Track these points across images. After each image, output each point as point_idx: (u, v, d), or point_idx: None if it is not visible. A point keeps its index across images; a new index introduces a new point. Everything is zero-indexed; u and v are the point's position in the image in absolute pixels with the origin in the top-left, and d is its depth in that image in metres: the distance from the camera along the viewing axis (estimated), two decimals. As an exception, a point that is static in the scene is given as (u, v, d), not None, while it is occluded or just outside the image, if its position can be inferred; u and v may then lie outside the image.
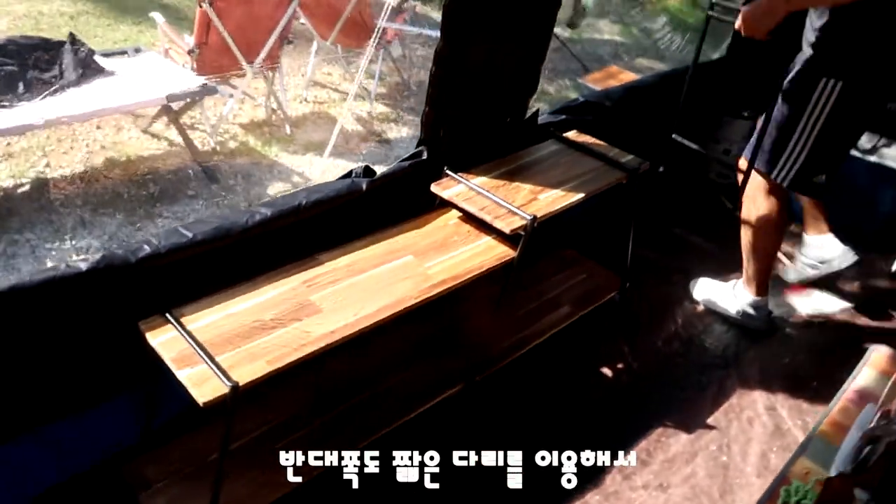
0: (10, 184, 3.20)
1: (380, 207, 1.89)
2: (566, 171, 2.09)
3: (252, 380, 1.33)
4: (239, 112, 4.11)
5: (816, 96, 1.98)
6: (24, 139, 3.49)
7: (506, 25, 1.92)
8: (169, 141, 3.65)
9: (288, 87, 4.50)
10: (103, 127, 3.72)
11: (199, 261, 1.56)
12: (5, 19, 4.80)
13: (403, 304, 1.59)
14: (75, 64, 3.08)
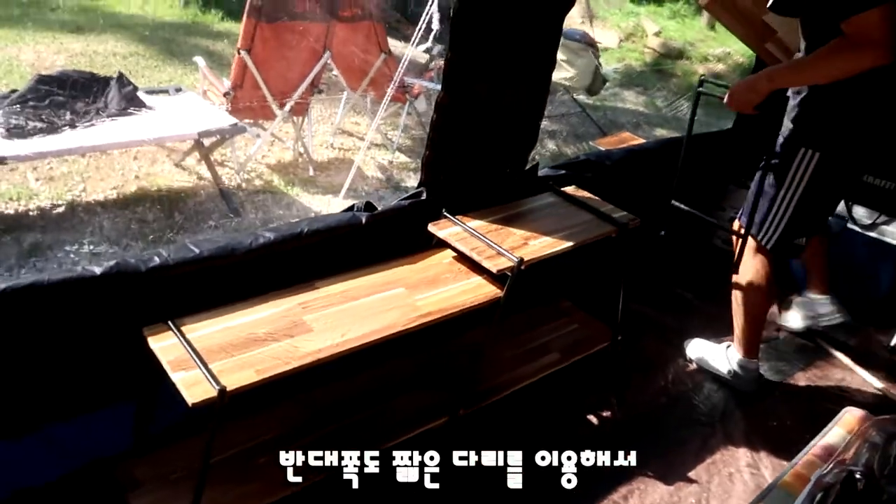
0: (48, 204, 3.42)
1: (378, 241, 2.01)
2: (558, 221, 2.21)
3: (239, 386, 1.44)
4: (268, 153, 4.34)
5: (796, 165, 2.08)
6: (65, 165, 3.74)
7: (504, 81, 2.07)
8: (198, 175, 3.86)
9: (316, 133, 4.74)
10: (139, 158, 3.97)
11: (204, 275, 1.70)
12: (63, 55, 5.17)
13: (389, 330, 1.70)
14: (119, 98, 3.32)
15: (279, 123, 3.97)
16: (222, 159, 4.10)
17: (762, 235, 2.24)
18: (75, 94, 3.20)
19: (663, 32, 8.96)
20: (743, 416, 2.48)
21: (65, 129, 3.00)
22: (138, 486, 1.66)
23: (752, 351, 2.48)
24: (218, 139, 3.47)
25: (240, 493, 1.69)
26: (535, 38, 2.11)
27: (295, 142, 4.22)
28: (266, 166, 4.21)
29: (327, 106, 5.02)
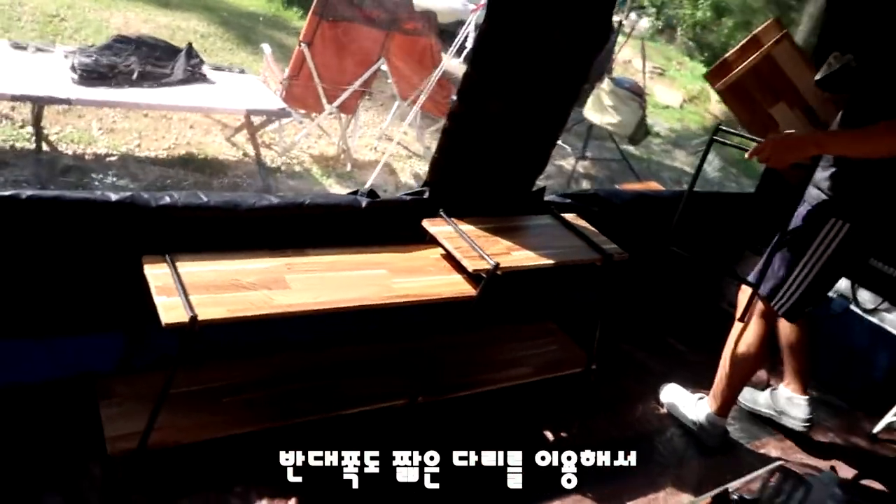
0: (104, 151, 3.71)
1: (374, 227, 2.17)
2: (548, 241, 2.33)
3: (210, 318, 1.60)
4: (314, 144, 4.59)
5: (823, 235, 2.09)
6: (127, 121, 4.05)
7: (519, 104, 2.22)
8: (244, 152, 4.12)
9: (364, 134, 4.98)
10: (195, 127, 4.26)
11: (207, 222, 1.88)
12: (149, 24, 5.58)
13: (360, 301, 1.84)
14: (185, 68, 3.60)
15: (326, 117, 4.21)
16: (270, 142, 4.36)
17: (777, 301, 2.25)
18: (147, 57, 3.49)
19: (728, 101, 8.98)
20: (699, 467, 2.52)
21: (129, 85, 3.28)
22: (111, 397, 1.84)
23: (725, 410, 2.49)
24: (265, 119, 3.72)
25: (200, 421, 1.85)
26: (558, 71, 2.25)
27: (340, 138, 4.45)
28: (309, 156, 4.45)
29: (379, 111, 5.26)
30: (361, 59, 3.92)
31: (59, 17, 5.22)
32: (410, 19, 4.21)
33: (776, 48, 2.27)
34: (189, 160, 3.89)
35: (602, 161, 5.66)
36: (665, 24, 12.23)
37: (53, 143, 3.61)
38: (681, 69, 10.39)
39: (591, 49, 2.21)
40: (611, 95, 4.75)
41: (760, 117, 2.31)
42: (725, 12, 11.52)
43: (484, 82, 2.11)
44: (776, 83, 2.31)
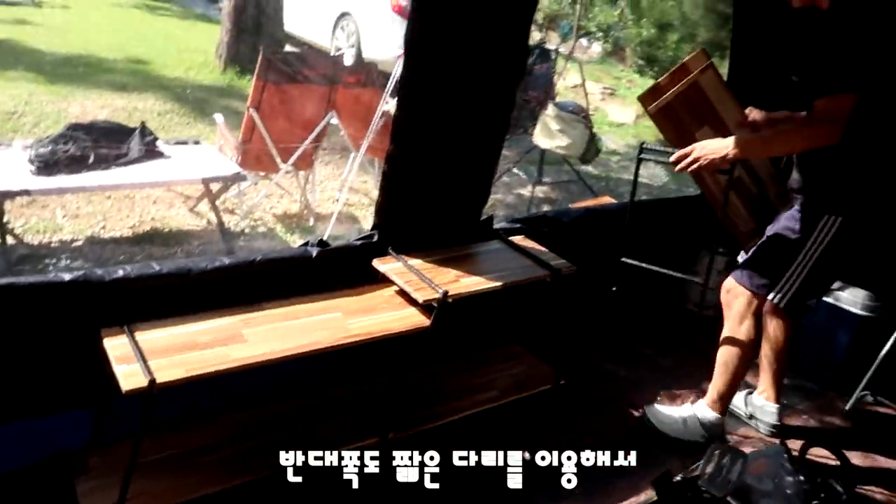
0: (69, 238, 3.79)
1: (327, 275, 2.25)
2: (497, 264, 2.42)
3: (169, 380, 1.67)
4: (276, 204, 4.70)
5: (818, 232, 2.18)
6: (90, 205, 4.14)
7: (452, 140, 2.33)
8: (208, 220, 4.22)
9: (325, 188, 5.10)
10: (158, 203, 4.35)
11: (162, 290, 1.96)
12: (106, 110, 5.71)
13: (316, 346, 1.92)
14: (140, 146, 3.72)
15: (284, 176, 4.33)
16: (232, 207, 4.46)
17: (776, 294, 2.31)
18: (101, 140, 3.60)
19: (680, 110, 9.25)
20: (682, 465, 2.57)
21: (86, 170, 3.38)
22: (87, 472, 1.88)
23: (724, 408, 2.50)
24: (223, 185, 3.83)
25: (175, 485, 1.90)
26: (481, 102, 2.37)
27: (300, 194, 4.56)
28: (273, 215, 4.55)
29: (337, 163, 5.40)
30: (310, 116, 4.06)
31: (17, 114, 5.35)
32: (353, 73, 4.38)
33: (702, 76, 2.45)
34: (154, 235, 3.97)
35: (560, 184, 5.82)
36: (614, 46, 12.61)
37: (19, 235, 3.69)
38: (631, 87, 10.69)
39: (510, 78, 2.34)
40: (556, 120, 4.92)
41: (687, 139, 2.45)
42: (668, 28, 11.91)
43: (413, 122, 2.23)
44: (701, 108, 2.48)
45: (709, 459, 1.51)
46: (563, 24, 12.15)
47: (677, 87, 2.44)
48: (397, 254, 2.33)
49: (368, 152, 4.21)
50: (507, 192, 5.56)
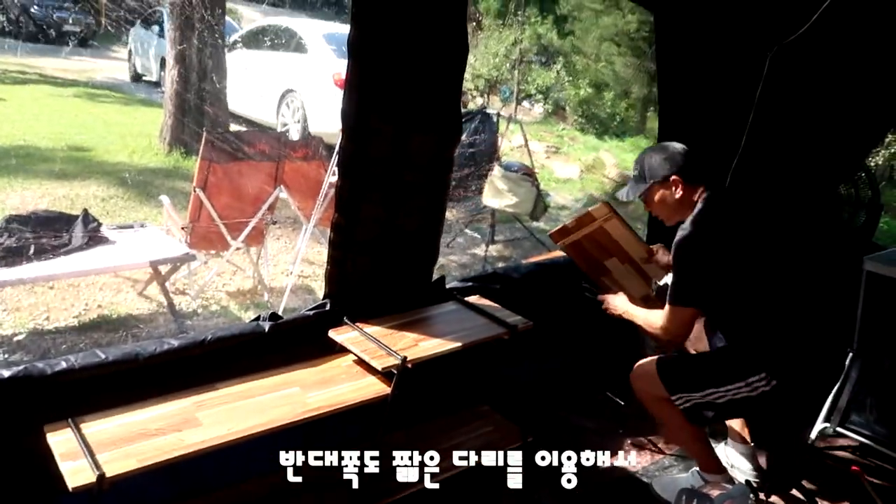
0: (10, 332, 3.64)
1: (282, 349, 2.21)
2: (453, 325, 2.42)
3: (119, 472, 1.59)
4: (229, 282, 4.62)
5: (748, 381, 2.26)
6: (32, 296, 3.99)
7: (395, 205, 2.36)
8: (158, 303, 4.11)
9: (279, 262, 5.06)
10: (104, 289, 4.23)
11: (109, 378, 1.89)
12: (47, 199, 5.60)
13: (274, 423, 1.87)
14: (83, 234, 3.64)
15: (235, 252, 4.28)
16: (184, 287, 4.37)
17: (681, 399, 2.35)
18: (40, 230, 3.51)
19: (621, 164, 9.59)
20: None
21: (25, 261, 3.28)
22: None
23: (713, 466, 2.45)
24: (172, 267, 3.76)
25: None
26: (424, 168, 2.42)
27: (253, 270, 4.51)
28: (226, 293, 4.47)
29: (290, 237, 5.37)
30: (257, 191, 4.06)
31: (-48, 208, 5.20)
32: (299, 147, 4.42)
33: (608, 223, 2.65)
34: (102, 322, 3.85)
35: (513, 241, 5.90)
36: (555, 107, 13.10)
37: (-45, 333, 3.53)
38: (574, 144, 11.06)
39: (445, 142, 2.40)
40: (503, 180, 5.03)
41: (596, 266, 2.70)
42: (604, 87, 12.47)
43: (354, 190, 2.25)
44: (609, 246, 2.69)
45: (678, 504, 1.50)
46: (503, 89, 12.60)
47: (584, 230, 2.64)
48: (352, 322, 2.31)
49: (320, 223, 4.21)
50: (462, 252, 5.61)
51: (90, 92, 10.72)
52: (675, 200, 2.36)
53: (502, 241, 5.87)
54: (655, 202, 2.40)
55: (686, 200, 2.35)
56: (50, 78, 11.30)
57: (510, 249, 5.83)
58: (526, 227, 5.72)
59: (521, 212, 5.17)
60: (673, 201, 2.36)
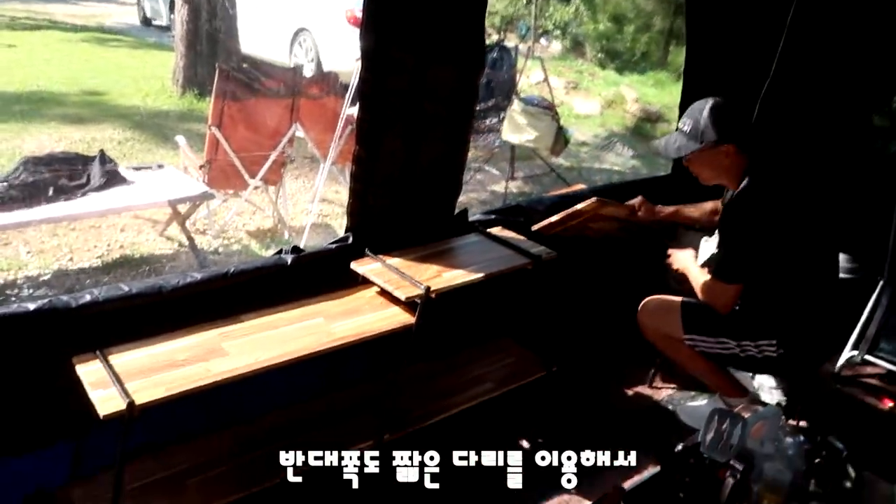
0: (36, 273, 3.68)
1: (304, 281, 2.20)
2: (477, 256, 2.39)
3: (148, 400, 1.60)
4: (248, 221, 4.61)
5: (756, 344, 2.27)
6: (55, 238, 4.02)
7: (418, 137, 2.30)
8: (179, 242, 4.12)
9: (297, 201, 5.03)
10: (126, 230, 4.25)
11: (134, 311, 1.89)
12: (63, 143, 5.58)
13: (300, 352, 1.86)
14: (101, 174, 3.62)
15: (253, 192, 4.26)
16: (204, 228, 4.37)
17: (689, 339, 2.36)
18: (59, 171, 3.50)
19: (642, 99, 9.33)
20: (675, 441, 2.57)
21: (45, 202, 3.28)
22: (72, 505, 1.81)
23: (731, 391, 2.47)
24: (191, 206, 3.74)
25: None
26: (445, 100, 2.35)
27: (272, 209, 4.49)
28: (246, 233, 4.47)
29: (308, 176, 5.33)
30: (273, 129, 4.00)
31: (-30, 155, 5.21)
32: (313, 84, 4.33)
33: (596, 212, 2.56)
34: (124, 262, 3.87)
35: (533, 177, 5.81)
36: (573, 43, 12.72)
37: (-19, 275, 3.58)
38: (593, 79, 10.75)
39: (470, 70, 2.31)
40: (523, 114, 4.91)
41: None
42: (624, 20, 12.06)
43: (376, 122, 2.19)
44: (596, 221, 2.63)
45: (709, 426, 1.49)
46: (520, 25, 12.24)
47: (570, 223, 2.59)
48: (374, 254, 2.28)
49: (337, 161, 4.16)
50: (482, 189, 5.54)
51: (100, 37, 10.58)
52: (723, 166, 2.27)
53: (522, 177, 5.78)
54: (700, 163, 2.30)
55: (734, 168, 2.27)
56: (60, 23, 11.17)
57: (530, 186, 5.74)
58: (546, 163, 5.62)
59: (541, 147, 5.06)
60: (720, 166, 2.27)
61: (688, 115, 2.29)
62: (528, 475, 2.31)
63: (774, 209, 2.20)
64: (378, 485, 2.12)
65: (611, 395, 2.81)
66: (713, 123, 2.21)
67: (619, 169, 6.89)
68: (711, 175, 2.32)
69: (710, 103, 2.25)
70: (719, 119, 2.22)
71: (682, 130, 2.29)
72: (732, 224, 2.22)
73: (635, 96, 9.44)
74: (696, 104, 2.29)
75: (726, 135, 2.21)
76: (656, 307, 2.47)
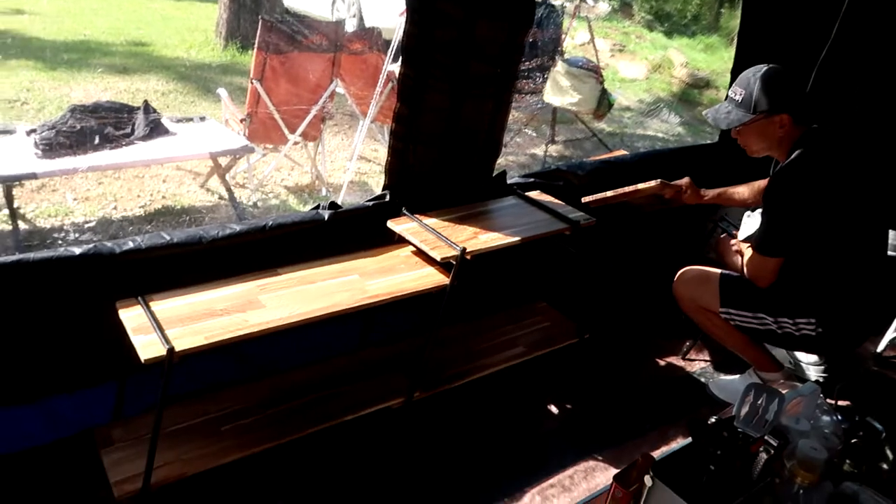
0: (82, 220, 3.77)
1: (341, 237, 2.21)
2: (514, 220, 2.37)
3: (188, 348, 1.64)
4: (287, 176, 4.64)
5: (796, 321, 2.23)
6: (100, 186, 4.11)
7: (462, 95, 2.26)
8: (219, 195, 4.18)
9: (335, 158, 5.04)
10: (168, 181, 4.32)
11: (174, 259, 1.92)
12: (109, 92, 5.66)
13: (335, 308, 1.88)
14: (145, 125, 3.67)
15: (293, 147, 4.27)
16: (244, 182, 4.42)
17: (727, 313, 2.33)
18: (105, 120, 3.55)
19: (691, 63, 9.04)
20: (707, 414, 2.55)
21: (91, 150, 3.34)
22: (112, 444, 1.87)
23: (767, 365, 2.44)
24: (231, 159, 3.78)
25: (201, 452, 1.88)
26: (492, 57, 2.29)
27: (311, 165, 4.51)
28: (284, 188, 4.51)
29: (347, 133, 5.33)
30: (314, 84, 3.98)
31: (20, 101, 5.31)
32: (355, 39, 4.29)
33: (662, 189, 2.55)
34: (166, 212, 3.95)
35: (573, 142, 5.71)
36: (621, 3, 12.34)
37: (31, 219, 3.67)
38: (640, 42, 10.44)
39: (517, 27, 2.25)
40: (566, 76, 4.80)
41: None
42: (675, -20, 11.64)
43: (419, 79, 2.16)
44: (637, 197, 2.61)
45: (744, 400, 1.46)
46: (566, -17, 11.89)
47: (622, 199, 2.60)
48: (411, 213, 2.28)
49: (377, 118, 4.14)
50: (520, 152, 5.48)
51: (146, -13, 10.63)
52: (775, 137, 2.18)
53: (562, 141, 5.69)
54: (751, 133, 2.21)
55: (786, 140, 2.18)
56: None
57: (570, 150, 5.65)
58: (587, 127, 5.51)
59: (584, 110, 4.95)
60: (773, 137, 2.19)
61: (739, 83, 2.20)
62: (556, 440, 2.34)
63: (822, 183, 2.12)
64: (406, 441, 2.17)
65: (643, 365, 2.80)
66: (767, 92, 2.12)
67: (662, 136, 6.73)
68: (762, 146, 2.24)
69: (764, 70, 2.16)
70: (774, 88, 2.13)
71: (732, 99, 2.21)
72: (778, 196, 2.15)
73: (683, 61, 9.15)
74: (747, 71, 2.20)
75: (781, 104, 2.12)
76: (693, 278, 2.42)
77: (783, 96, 2.12)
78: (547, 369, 2.60)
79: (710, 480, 1.44)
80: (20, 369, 1.90)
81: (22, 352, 1.88)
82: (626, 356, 2.82)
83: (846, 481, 1.59)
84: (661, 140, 6.55)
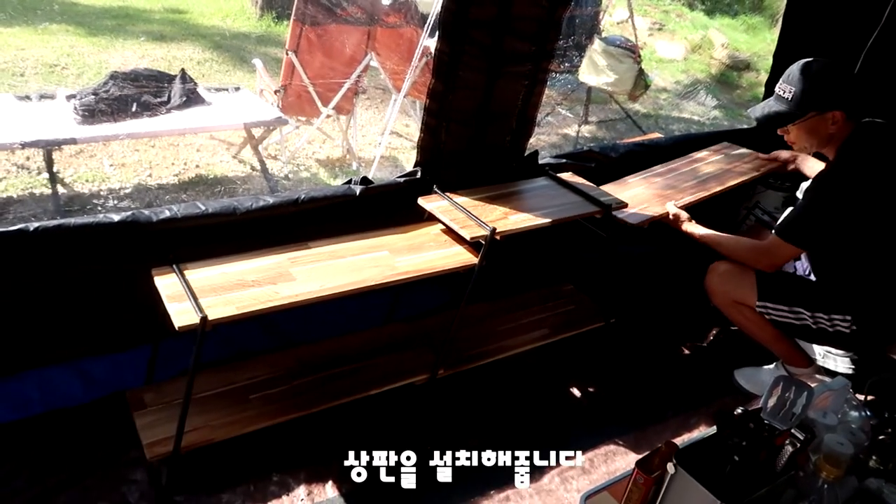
0: (118, 186, 3.85)
1: (371, 213, 2.22)
2: (545, 201, 2.35)
3: (220, 317, 1.67)
4: (318, 149, 4.67)
5: (831, 317, 2.19)
6: (136, 154, 4.18)
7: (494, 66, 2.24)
8: (251, 166, 4.22)
9: (367, 132, 5.05)
10: (202, 151, 4.37)
11: (209, 229, 1.96)
12: (146, 59, 5.73)
13: (364, 283, 1.89)
14: (181, 93, 3.71)
15: (325, 120, 4.29)
16: (276, 153, 4.46)
17: (762, 307, 2.28)
18: (142, 88, 3.60)
19: (732, 44, 8.82)
20: (733, 403, 2.53)
21: (129, 117, 3.39)
22: (144, 407, 1.93)
23: (797, 360, 2.41)
24: (264, 131, 3.81)
25: (230, 419, 1.93)
26: (528, 34, 2.26)
27: (342, 139, 4.52)
28: (315, 161, 4.54)
29: (379, 107, 5.33)
30: (349, 57, 3.98)
31: (60, 66, 5.40)
32: (391, 12, 4.26)
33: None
34: (199, 181, 4.00)
35: (607, 122, 5.64)
36: (662, -20, 12.04)
37: (69, 184, 3.76)
38: (680, 21, 10.21)
39: (555, 6, 2.22)
40: (603, 55, 4.72)
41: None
42: (718, -44, 11.32)
43: (457, 56, 2.14)
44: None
45: (772, 392, 1.45)
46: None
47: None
48: (442, 191, 2.28)
49: (410, 92, 4.12)
50: (552, 132, 5.42)
51: (184, -47, 10.64)
52: (826, 134, 2.10)
53: (596, 121, 5.62)
54: (801, 131, 2.13)
55: (837, 136, 2.10)
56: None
57: (603, 131, 5.58)
58: (622, 108, 5.43)
59: (619, 90, 4.88)
60: (823, 134, 2.11)
61: (786, 80, 2.12)
62: (577, 422, 2.35)
63: (874, 185, 2.06)
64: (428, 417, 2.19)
65: (667, 352, 2.78)
66: (818, 88, 2.04)
67: (698, 119, 6.61)
68: (812, 144, 2.16)
69: (812, 66, 2.08)
70: (825, 83, 2.05)
71: (781, 97, 2.12)
72: (825, 192, 2.08)
73: (724, 41, 8.94)
74: (793, 67, 2.12)
75: (833, 101, 2.05)
76: (728, 271, 2.37)
77: (835, 92, 2.05)
78: (571, 352, 2.60)
79: (733, 471, 1.43)
80: (58, 331, 1.96)
81: (60, 314, 1.93)
82: (651, 342, 2.81)
83: (871, 477, 1.57)
84: (697, 123, 6.43)
